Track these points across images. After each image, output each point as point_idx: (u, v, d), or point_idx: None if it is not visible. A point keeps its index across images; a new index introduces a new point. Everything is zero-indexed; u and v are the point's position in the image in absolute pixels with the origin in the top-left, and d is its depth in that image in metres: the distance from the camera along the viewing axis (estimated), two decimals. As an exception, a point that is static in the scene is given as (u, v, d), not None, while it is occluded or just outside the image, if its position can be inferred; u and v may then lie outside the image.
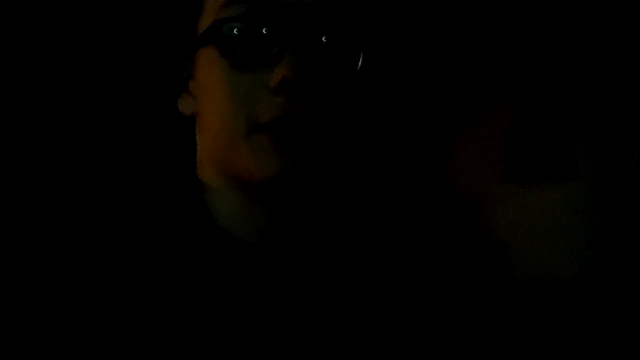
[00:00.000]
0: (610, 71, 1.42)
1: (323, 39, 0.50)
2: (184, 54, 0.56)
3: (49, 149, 0.72)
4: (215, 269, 0.51)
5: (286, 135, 0.49)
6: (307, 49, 0.48)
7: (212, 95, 0.52)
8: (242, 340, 0.48)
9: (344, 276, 0.56)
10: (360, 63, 0.52)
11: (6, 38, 0.71)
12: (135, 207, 0.54)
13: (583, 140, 1.57)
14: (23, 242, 0.50)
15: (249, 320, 0.49)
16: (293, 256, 0.54)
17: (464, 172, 1.67)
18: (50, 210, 0.55)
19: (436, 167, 1.66)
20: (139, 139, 0.72)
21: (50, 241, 0.50)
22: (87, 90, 0.74)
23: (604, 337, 1.39)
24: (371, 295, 0.56)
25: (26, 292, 0.47)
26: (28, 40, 0.73)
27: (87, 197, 0.56)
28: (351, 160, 0.57)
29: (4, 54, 0.71)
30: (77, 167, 0.71)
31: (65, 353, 0.45)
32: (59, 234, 0.50)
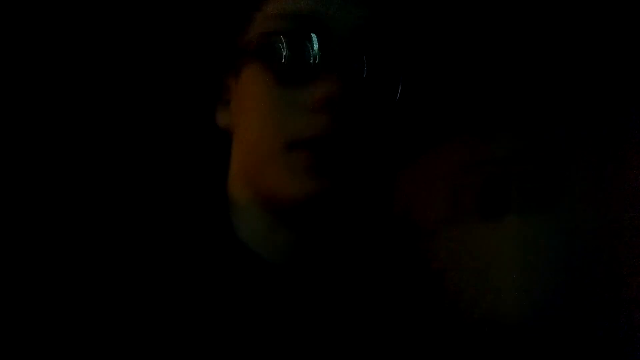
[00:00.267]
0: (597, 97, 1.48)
1: (367, 61, 0.51)
2: (226, 66, 0.57)
3: (74, 151, 0.71)
4: (233, 285, 0.52)
5: (324, 155, 0.50)
6: (352, 69, 0.50)
7: (251, 109, 0.53)
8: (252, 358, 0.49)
9: (360, 306, 0.57)
10: (401, 87, 0.53)
11: (51, 53, 0.71)
12: (158, 217, 0.56)
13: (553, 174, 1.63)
14: (48, 257, 0.51)
15: (262, 340, 0.50)
16: (313, 280, 0.55)
17: (423, 204, 1.72)
18: (69, 214, 0.56)
19: (400, 196, 1.70)
20: (172, 149, 0.72)
21: (68, 247, 0.51)
22: (127, 98, 0.74)
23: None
24: (384, 321, 0.57)
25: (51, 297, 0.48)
26: (65, 44, 0.73)
27: (113, 201, 0.56)
28: (373, 182, 0.57)
29: (43, 67, 0.71)
30: (107, 170, 0.72)
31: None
32: (75, 237, 0.52)
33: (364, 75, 0.51)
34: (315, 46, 0.50)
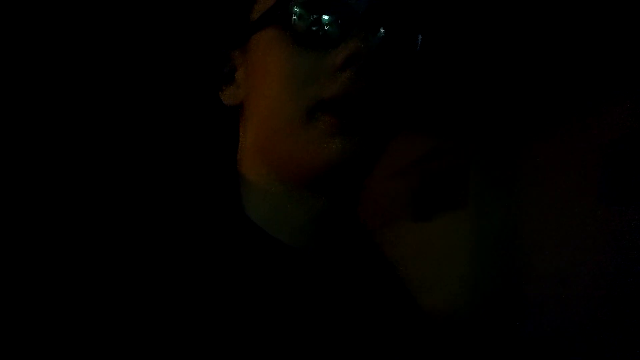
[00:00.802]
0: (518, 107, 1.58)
1: (390, 19, 0.49)
2: (232, 41, 0.54)
3: (85, 135, 0.66)
4: (248, 270, 0.48)
5: (352, 114, 0.47)
6: (374, 28, 0.48)
7: (268, 78, 0.49)
8: (263, 343, 0.46)
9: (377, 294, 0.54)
10: (423, 46, 0.52)
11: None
12: (166, 202, 0.51)
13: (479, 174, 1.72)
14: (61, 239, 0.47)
15: (277, 327, 0.46)
16: (334, 264, 0.51)
17: (378, 205, 1.74)
18: (83, 198, 0.52)
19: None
20: (179, 132, 0.69)
21: (80, 231, 0.47)
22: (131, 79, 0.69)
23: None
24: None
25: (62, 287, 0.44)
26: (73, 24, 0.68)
27: (115, 189, 0.52)
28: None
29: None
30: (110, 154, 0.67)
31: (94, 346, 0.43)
32: (88, 223, 0.48)
33: (389, 33, 0.49)
34: (338, 6, 0.47)
